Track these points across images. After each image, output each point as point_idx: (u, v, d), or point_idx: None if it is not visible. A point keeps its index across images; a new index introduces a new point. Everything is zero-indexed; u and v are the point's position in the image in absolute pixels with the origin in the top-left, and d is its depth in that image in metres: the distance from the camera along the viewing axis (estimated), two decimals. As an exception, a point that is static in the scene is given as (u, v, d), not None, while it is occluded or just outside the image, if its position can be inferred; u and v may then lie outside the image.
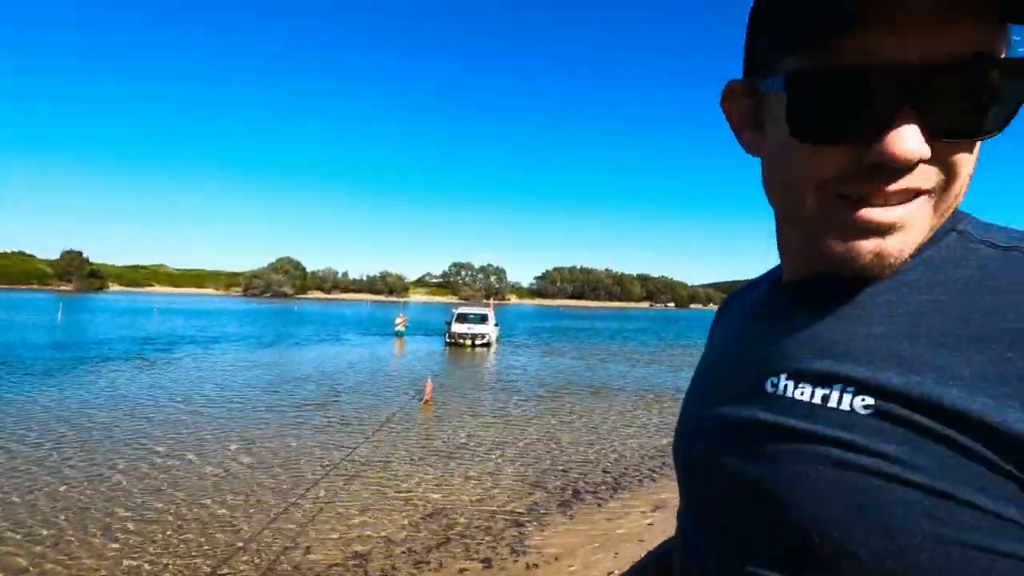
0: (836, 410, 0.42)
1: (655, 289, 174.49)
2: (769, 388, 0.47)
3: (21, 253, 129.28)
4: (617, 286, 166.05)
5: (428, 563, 4.60)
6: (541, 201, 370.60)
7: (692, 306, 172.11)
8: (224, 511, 5.51)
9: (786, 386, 0.46)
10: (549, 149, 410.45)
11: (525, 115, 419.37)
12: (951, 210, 0.45)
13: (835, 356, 0.44)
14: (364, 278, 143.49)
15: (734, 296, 0.74)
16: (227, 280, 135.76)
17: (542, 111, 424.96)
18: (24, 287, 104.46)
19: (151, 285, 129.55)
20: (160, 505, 5.59)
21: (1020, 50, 0.40)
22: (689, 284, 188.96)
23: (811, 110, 0.41)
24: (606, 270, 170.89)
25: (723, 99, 0.53)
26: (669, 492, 6.41)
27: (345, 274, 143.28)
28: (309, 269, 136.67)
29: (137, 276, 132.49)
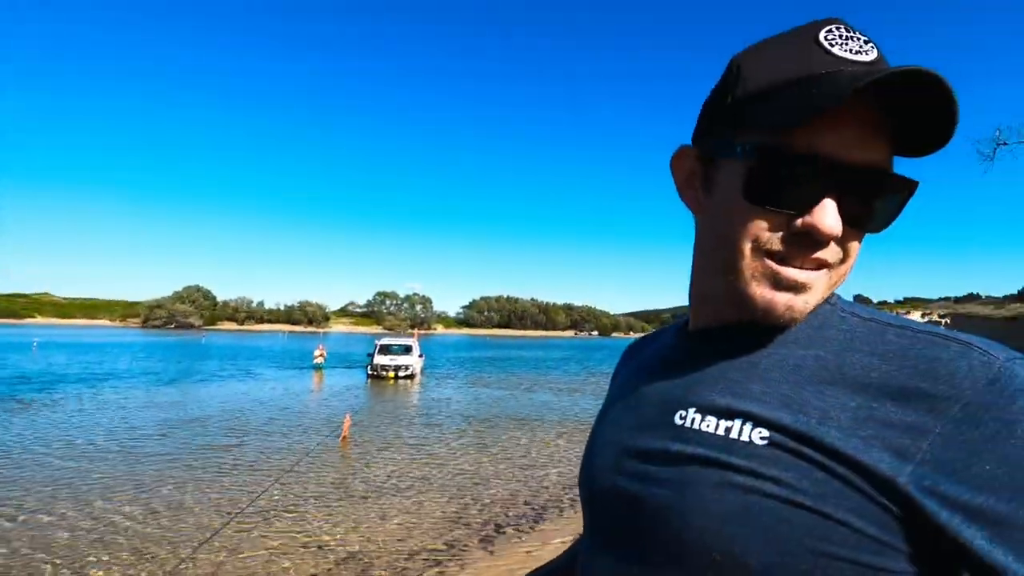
0: (738, 441, 0.49)
1: (579, 318, 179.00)
2: (678, 420, 0.54)
3: None
4: (543, 315, 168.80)
5: (340, 613, 4.34)
6: (468, 231, 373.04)
7: (614, 335, 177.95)
8: (104, 573, 4.94)
9: (694, 419, 0.53)
10: (475, 178, 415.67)
11: (452, 142, 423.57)
12: (837, 286, 0.55)
13: (736, 394, 0.52)
14: (282, 307, 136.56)
15: (637, 343, 0.83)
16: (123, 310, 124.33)
17: (467, 138, 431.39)
18: None
19: (32, 316, 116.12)
20: (27, 565, 4.92)
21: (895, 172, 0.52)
22: (612, 313, 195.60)
23: (765, 180, 0.50)
24: (532, 299, 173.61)
25: (673, 159, 0.61)
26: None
27: (261, 303, 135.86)
28: (220, 298, 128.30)
29: (15, 306, 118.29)
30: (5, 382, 18.57)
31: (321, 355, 27.39)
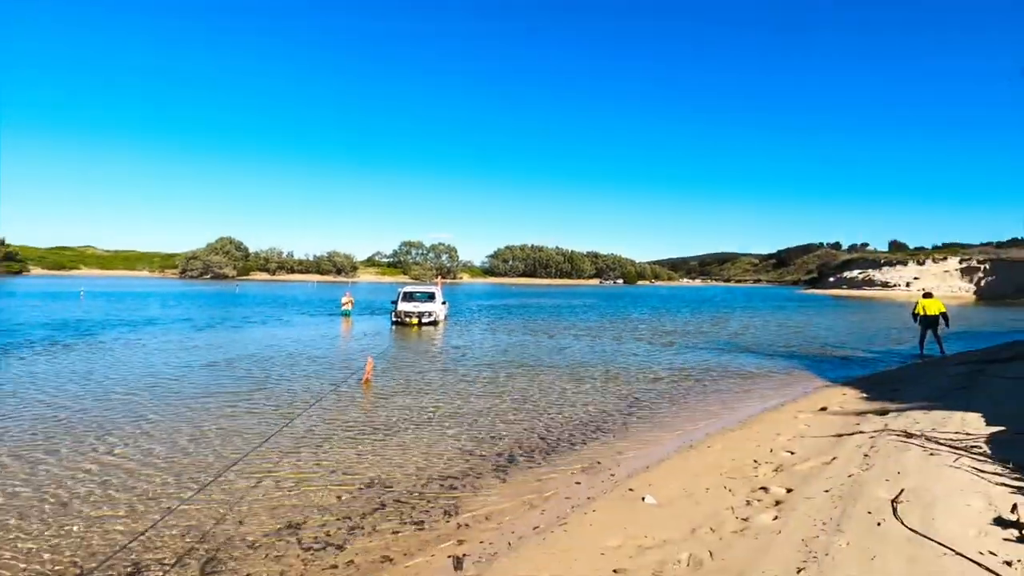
0: None
1: (604, 266, 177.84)
2: None
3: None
4: (568, 263, 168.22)
5: (362, 528, 4.78)
6: (494, 180, 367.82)
7: (640, 283, 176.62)
8: (149, 487, 5.49)
9: None
10: (502, 126, 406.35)
11: (476, 89, 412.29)
12: None
13: None
14: (311, 258, 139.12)
15: None
16: (162, 262, 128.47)
17: (492, 84, 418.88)
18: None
19: (77, 268, 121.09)
20: (93, 470, 5.50)
21: None
22: (638, 261, 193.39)
23: None
24: (557, 248, 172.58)
25: None
26: (600, 456, 6.81)
27: (291, 254, 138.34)
28: (252, 249, 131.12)
29: (62, 259, 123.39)
30: (57, 328, 19.78)
31: (349, 302, 28.23)
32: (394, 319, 22.83)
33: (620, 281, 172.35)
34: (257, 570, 4.06)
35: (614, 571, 3.53)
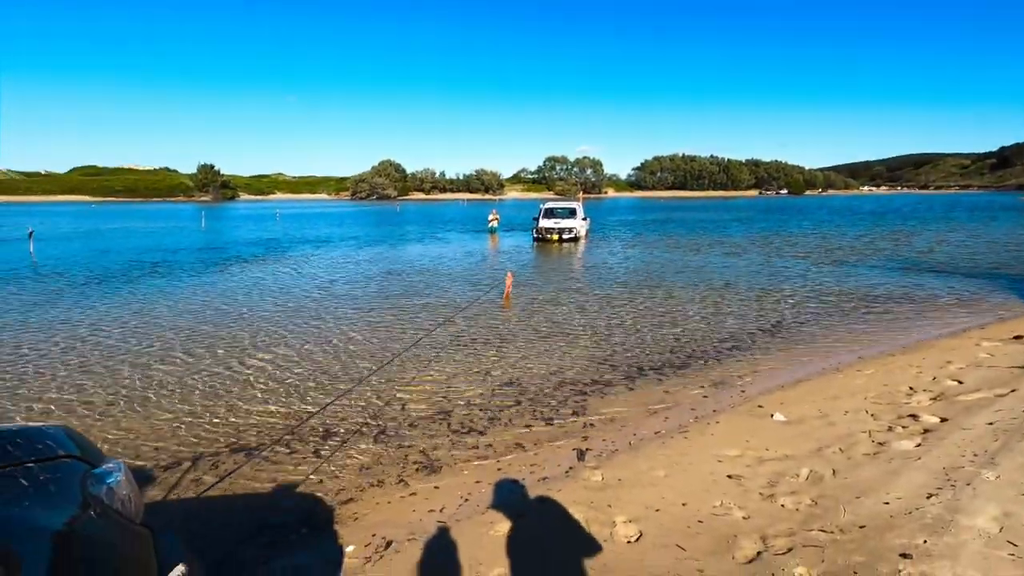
0: None
1: (766, 175, 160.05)
2: None
3: (166, 169, 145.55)
4: (723, 173, 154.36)
5: (500, 419, 5.44)
6: (642, 86, 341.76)
7: (808, 192, 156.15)
8: (329, 372, 6.72)
9: None
10: (649, 29, 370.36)
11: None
12: None
13: None
14: (460, 177, 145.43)
15: None
16: (336, 185, 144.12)
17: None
18: (172, 199, 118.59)
19: (273, 193, 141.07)
20: (292, 355, 6.93)
21: None
22: (807, 168, 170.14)
23: None
24: (712, 157, 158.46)
25: None
26: (730, 373, 6.74)
27: (443, 174, 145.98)
28: (409, 171, 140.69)
29: (261, 185, 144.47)
30: (263, 245, 23.82)
31: (495, 219, 29.50)
32: (535, 235, 23.44)
33: (784, 192, 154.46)
34: (417, 444, 4.91)
35: (728, 476, 3.68)
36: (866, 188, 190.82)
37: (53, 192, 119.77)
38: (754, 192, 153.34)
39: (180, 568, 1.23)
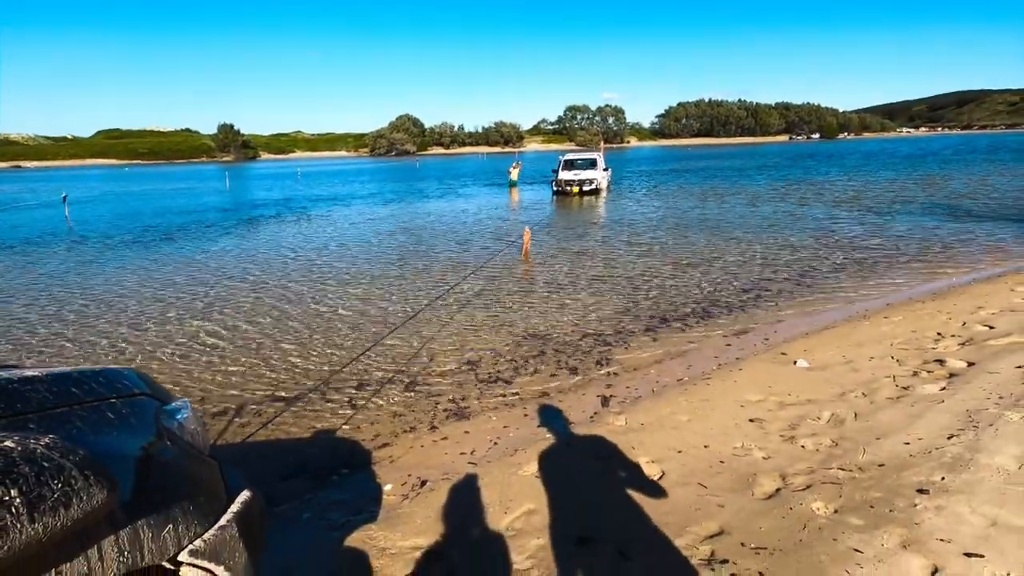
0: None
1: (797, 119, 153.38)
2: None
3: (188, 130, 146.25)
4: (751, 119, 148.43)
5: (525, 369, 5.59)
6: (666, 26, 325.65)
7: (841, 136, 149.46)
8: (356, 326, 6.94)
9: None
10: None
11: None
12: None
13: None
14: (479, 130, 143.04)
15: None
16: (355, 142, 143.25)
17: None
18: (195, 160, 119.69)
19: (292, 151, 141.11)
20: (321, 310, 7.17)
21: None
22: (840, 110, 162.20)
23: None
24: (739, 101, 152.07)
25: None
26: (756, 321, 6.74)
27: (461, 127, 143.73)
28: (427, 125, 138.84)
29: (281, 144, 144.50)
30: (286, 204, 24.08)
31: (515, 172, 29.18)
32: (555, 188, 23.11)
33: (815, 136, 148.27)
34: (446, 392, 5.10)
35: (749, 419, 3.77)
36: (904, 130, 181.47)
37: (80, 156, 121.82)
38: (784, 137, 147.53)
39: (246, 493, 1.37)
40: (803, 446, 3.28)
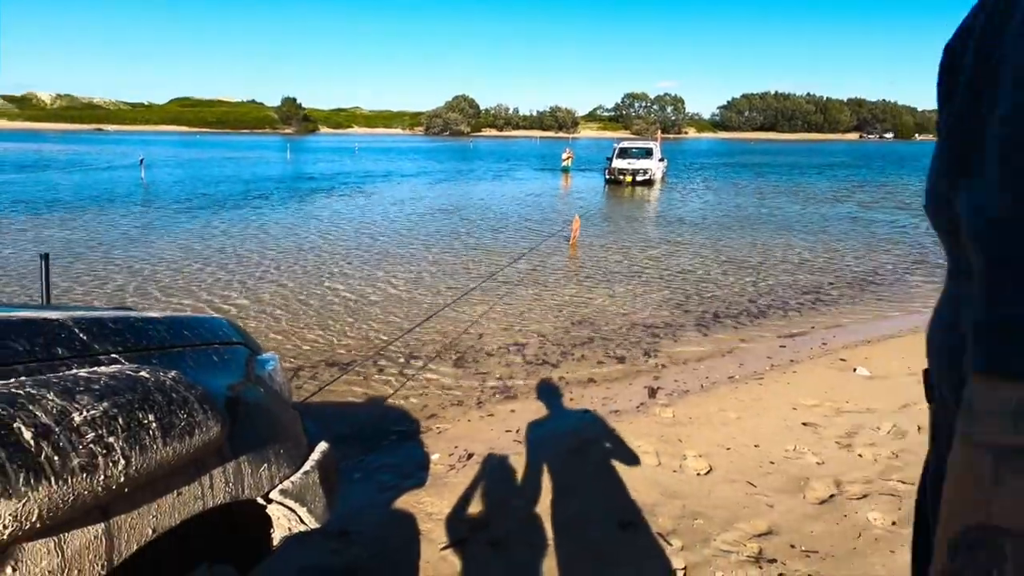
0: None
1: (870, 116, 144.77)
2: None
3: (253, 101, 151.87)
4: (819, 114, 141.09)
5: (573, 355, 5.61)
6: (728, 16, 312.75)
7: (918, 137, 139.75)
8: (407, 301, 7.10)
9: None
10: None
11: None
12: None
13: None
14: (534, 113, 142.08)
15: None
16: (410, 120, 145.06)
17: None
18: (259, 131, 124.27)
19: (350, 127, 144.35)
20: (375, 289, 7.39)
21: None
22: (920, 109, 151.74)
23: None
24: (808, 95, 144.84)
25: None
26: (814, 324, 6.51)
27: (516, 110, 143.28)
28: (483, 107, 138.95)
29: (339, 119, 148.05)
30: (336, 179, 24.76)
31: (568, 158, 28.89)
32: (607, 176, 22.70)
33: (889, 136, 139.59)
34: (493, 371, 5.19)
35: (803, 423, 3.67)
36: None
37: (154, 122, 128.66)
38: (854, 135, 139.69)
39: (324, 444, 1.45)
40: (860, 455, 3.18)
